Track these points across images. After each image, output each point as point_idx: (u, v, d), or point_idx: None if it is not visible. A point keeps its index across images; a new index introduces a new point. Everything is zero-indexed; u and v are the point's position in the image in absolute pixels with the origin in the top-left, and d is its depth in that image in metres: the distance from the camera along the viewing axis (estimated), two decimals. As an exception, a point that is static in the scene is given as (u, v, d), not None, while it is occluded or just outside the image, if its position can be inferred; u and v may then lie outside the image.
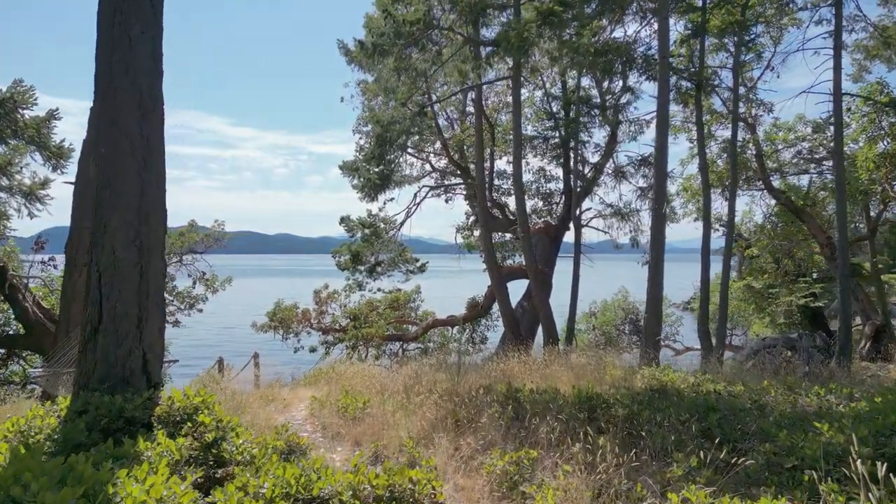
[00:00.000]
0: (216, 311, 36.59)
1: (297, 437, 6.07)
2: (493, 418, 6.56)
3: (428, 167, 20.18)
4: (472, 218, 20.36)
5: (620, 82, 18.21)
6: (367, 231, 18.37)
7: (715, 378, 9.27)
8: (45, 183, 11.27)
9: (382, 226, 18.17)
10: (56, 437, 5.07)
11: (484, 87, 18.96)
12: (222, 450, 5.03)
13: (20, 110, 10.54)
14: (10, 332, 13.30)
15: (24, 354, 13.67)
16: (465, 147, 19.73)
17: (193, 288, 19.80)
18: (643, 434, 5.84)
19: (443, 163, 20.72)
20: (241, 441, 5.30)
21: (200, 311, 19.91)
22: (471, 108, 20.52)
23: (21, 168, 9.31)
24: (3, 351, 13.48)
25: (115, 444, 4.70)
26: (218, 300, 22.84)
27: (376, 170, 11.87)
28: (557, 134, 18.59)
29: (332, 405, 8.05)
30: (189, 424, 5.18)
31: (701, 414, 6.28)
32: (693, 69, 16.49)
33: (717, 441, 5.42)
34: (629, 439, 5.81)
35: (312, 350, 18.69)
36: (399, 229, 18.21)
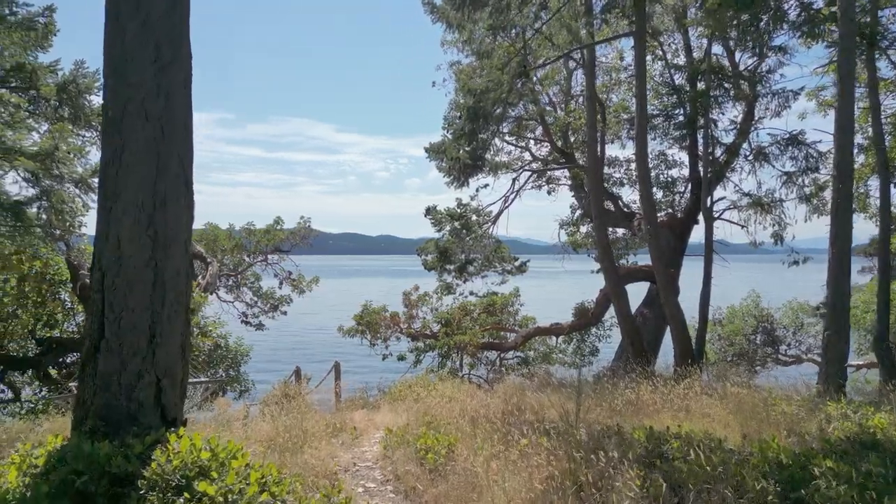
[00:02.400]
0: (308, 311, 36.49)
1: (351, 508, 4.29)
2: (634, 488, 4.45)
3: (527, 156, 18.10)
4: (577, 212, 17.97)
5: (757, 45, 15.17)
6: (456, 224, 16.31)
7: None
8: (97, 170, 10.46)
9: (474, 218, 16.08)
10: (9, 504, 3.62)
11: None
12: (227, 540, 3.35)
13: (85, 96, 9.78)
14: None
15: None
16: (569, 132, 17.45)
17: (280, 288, 18.97)
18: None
19: (544, 150, 18.54)
20: (262, 520, 3.60)
21: (284, 313, 19.02)
22: (577, 88, 18.27)
23: (72, 155, 8.48)
24: (78, 356, 13.06)
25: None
26: (309, 301, 22.03)
27: (467, 148, 9.99)
28: (681, 111, 15.84)
29: (410, 444, 6.23)
30: (186, 495, 3.53)
31: None
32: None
33: None
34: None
35: (401, 358, 17.14)
36: (495, 223, 16.05)
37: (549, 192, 17.79)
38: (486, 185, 14.74)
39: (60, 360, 12.11)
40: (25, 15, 10.31)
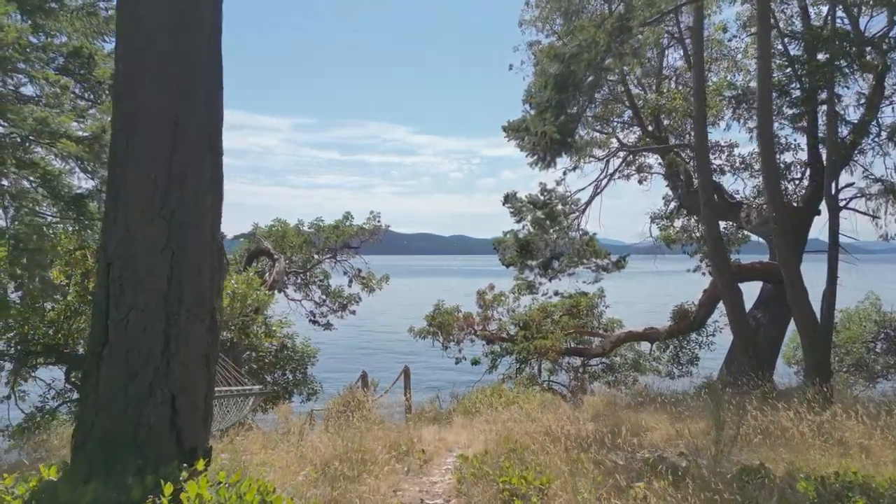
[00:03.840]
0: (378, 311, 35.95)
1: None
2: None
3: (614, 143, 16.43)
4: (672, 203, 16.11)
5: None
6: (539, 213, 14.61)
7: None
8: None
9: (560, 207, 14.40)
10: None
11: (687, 39, 14.86)
12: None
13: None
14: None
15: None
16: (661, 116, 15.69)
17: (349, 286, 18.29)
18: None
19: (632, 138, 16.82)
20: None
21: (353, 312, 18.31)
22: (667, 69, 16.55)
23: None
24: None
25: None
26: (379, 301, 21.31)
27: (554, 123, 8.54)
28: (797, 86, 13.75)
29: (490, 478, 5.02)
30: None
31: None
32: None
33: None
34: None
35: (475, 363, 15.94)
36: (584, 212, 14.31)
37: (640, 182, 16.02)
38: (574, 168, 13.07)
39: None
40: (87, 0, 9.97)
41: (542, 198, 14.08)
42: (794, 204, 13.68)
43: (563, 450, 5.78)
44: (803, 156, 14.60)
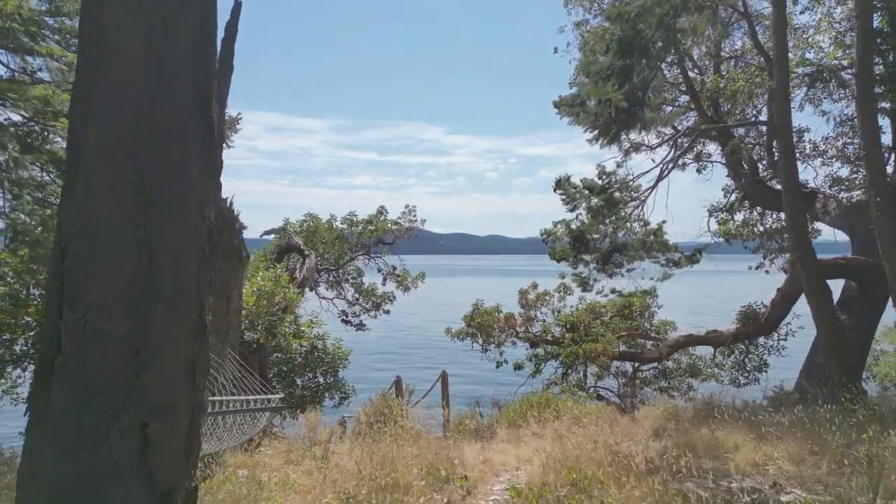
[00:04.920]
0: (413, 311, 35.05)
1: None
2: None
3: (668, 130, 15.14)
4: (733, 194, 14.70)
5: None
6: (595, 201, 13.27)
7: None
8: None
9: (618, 195, 12.91)
10: None
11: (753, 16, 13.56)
12: None
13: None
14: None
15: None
16: (719, 100, 14.41)
17: (383, 284, 17.46)
18: None
19: (688, 123, 15.54)
20: None
21: (387, 312, 17.48)
22: (725, 50, 15.35)
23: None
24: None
25: None
26: (414, 300, 20.49)
27: (620, 91, 7.23)
28: (881, 61, 12.30)
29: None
30: None
31: None
32: None
33: None
34: None
35: (518, 367, 14.84)
36: (644, 201, 12.83)
37: (698, 171, 14.69)
38: (638, 147, 11.70)
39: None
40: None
41: (599, 182, 12.70)
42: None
43: (637, 480, 4.73)
44: (886, 140, 13.15)
